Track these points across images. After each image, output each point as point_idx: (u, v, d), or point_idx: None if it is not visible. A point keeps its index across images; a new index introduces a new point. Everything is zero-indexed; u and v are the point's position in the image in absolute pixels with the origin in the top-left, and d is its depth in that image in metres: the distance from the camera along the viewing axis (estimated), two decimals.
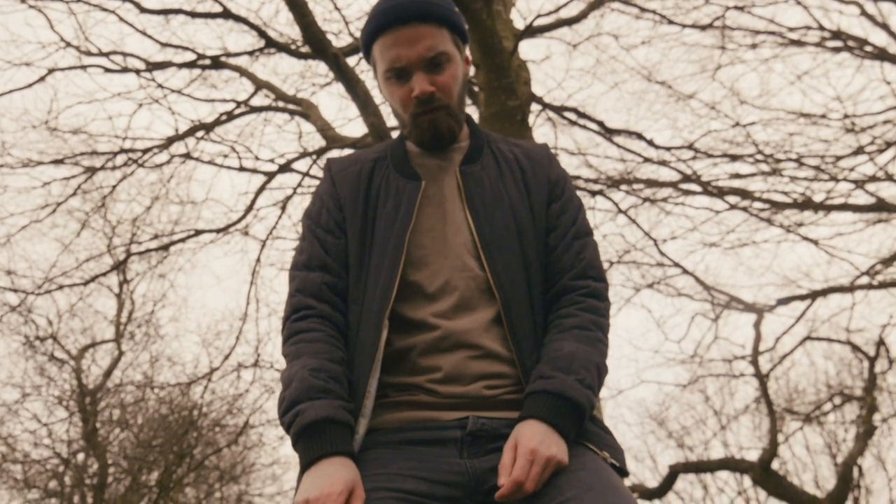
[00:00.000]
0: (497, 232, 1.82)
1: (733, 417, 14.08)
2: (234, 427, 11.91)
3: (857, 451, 12.33)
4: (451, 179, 1.90)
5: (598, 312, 1.83)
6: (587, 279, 1.86)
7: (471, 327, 1.77)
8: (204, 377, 10.16)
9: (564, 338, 1.75)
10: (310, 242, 1.88)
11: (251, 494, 14.49)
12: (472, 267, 1.80)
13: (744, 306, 11.16)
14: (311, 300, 1.82)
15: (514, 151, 1.97)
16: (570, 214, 1.93)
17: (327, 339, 1.77)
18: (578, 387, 1.66)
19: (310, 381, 1.66)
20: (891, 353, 12.07)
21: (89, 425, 12.36)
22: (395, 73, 1.83)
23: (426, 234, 1.83)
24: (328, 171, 1.96)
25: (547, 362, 1.71)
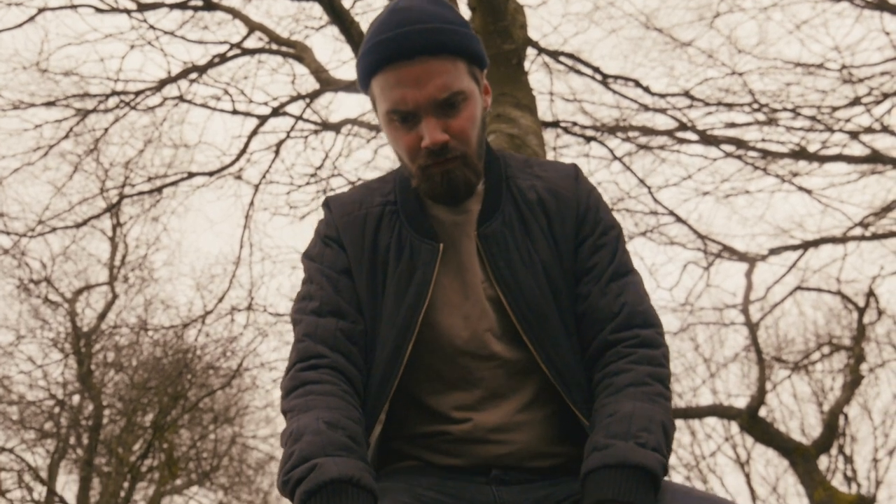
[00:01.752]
0: (535, 309, 1.57)
1: (722, 365, 14.24)
2: (228, 370, 12.00)
3: (843, 399, 12.51)
4: (468, 242, 1.62)
5: (653, 362, 1.54)
6: (632, 329, 1.58)
7: (506, 419, 1.57)
8: (198, 320, 10.21)
9: (618, 399, 1.49)
10: (318, 284, 1.63)
11: (245, 436, 14.68)
12: (501, 353, 1.58)
13: (736, 255, 11.21)
14: (322, 347, 1.57)
15: (537, 187, 1.67)
16: (606, 252, 1.64)
17: (342, 395, 1.52)
18: (642, 451, 1.39)
19: (328, 435, 1.41)
20: (880, 305, 12.18)
21: (84, 367, 12.44)
22: (401, 116, 1.53)
23: (441, 310, 1.60)
24: (329, 214, 1.71)
25: (600, 430, 1.45)
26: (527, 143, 4.38)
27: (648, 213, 9.96)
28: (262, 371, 13.09)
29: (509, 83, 5.01)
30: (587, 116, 8.79)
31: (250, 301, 9.31)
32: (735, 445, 15.94)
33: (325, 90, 7.32)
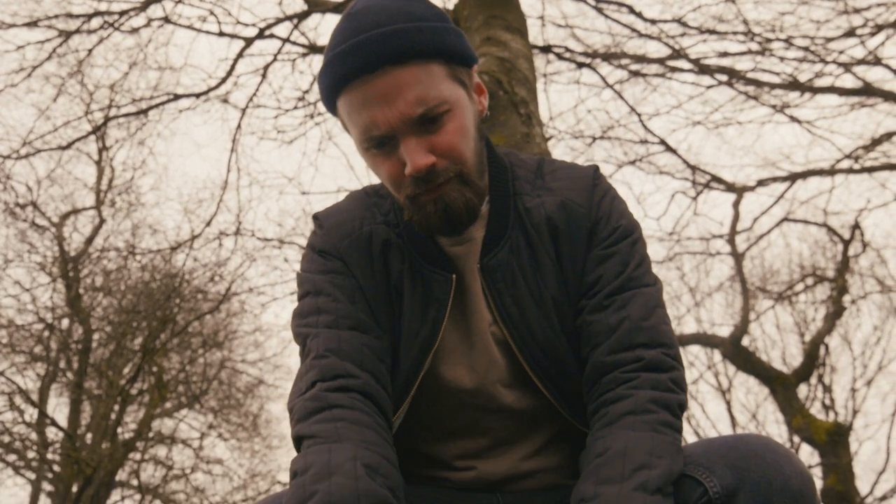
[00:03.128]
0: (549, 352, 1.39)
1: (707, 294, 14.39)
2: (217, 294, 12.06)
3: (824, 330, 12.71)
4: (473, 277, 1.42)
5: (659, 387, 1.31)
6: (635, 349, 1.34)
7: (514, 468, 1.43)
8: (185, 243, 10.20)
9: (612, 432, 1.27)
10: (330, 296, 1.41)
11: (234, 360, 14.83)
12: (512, 404, 1.42)
13: (724, 186, 11.23)
14: (350, 366, 1.34)
15: (546, 204, 1.43)
16: (614, 262, 1.41)
17: (378, 430, 1.29)
18: (640, 497, 1.16)
19: (366, 483, 1.17)
20: (865, 237, 12.29)
21: (72, 291, 12.45)
22: (375, 142, 1.30)
23: (446, 358, 1.42)
24: (323, 233, 1.48)
25: (589, 475, 1.24)
26: (517, 66, 4.32)
27: (638, 141, 9.93)
28: (250, 296, 13.20)
29: (500, 6, 4.92)
30: (579, 42, 8.67)
31: (238, 226, 9.29)
32: (717, 373, 16.23)
33: (312, 11, 7.18)
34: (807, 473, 1.23)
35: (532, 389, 1.41)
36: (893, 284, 13.74)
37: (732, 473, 1.21)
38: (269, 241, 10.73)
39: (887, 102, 9.21)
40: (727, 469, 1.22)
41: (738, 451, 1.24)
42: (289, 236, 10.99)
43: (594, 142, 9.85)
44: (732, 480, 1.21)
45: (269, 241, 10.73)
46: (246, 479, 15.56)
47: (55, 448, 11.83)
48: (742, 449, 1.24)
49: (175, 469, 14.94)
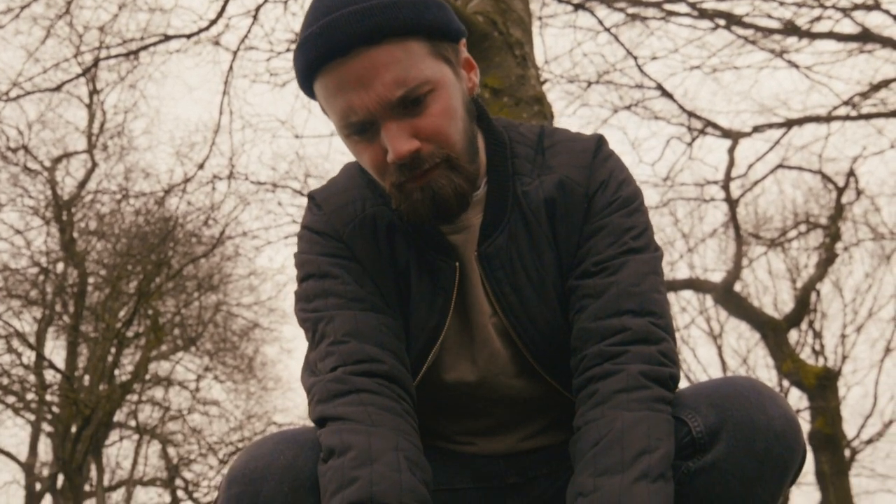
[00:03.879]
0: (552, 340, 1.34)
1: (700, 240, 14.43)
2: (211, 238, 12.07)
3: (816, 276, 12.79)
4: (471, 265, 1.35)
5: (649, 360, 1.23)
6: (621, 316, 1.27)
7: (515, 444, 1.41)
8: (178, 185, 10.18)
9: (605, 414, 1.20)
10: (337, 278, 1.33)
11: (229, 304, 14.91)
12: (515, 394, 1.38)
13: (720, 132, 11.19)
14: (372, 349, 1.27)
15: (545, 184, 1.35)
16: (608, 232, 1.33)
17: (408, 417, 1.25)
18: (643, 487, 1.11)
19: (409, 478, 1.14)
20: (859, 185, 12.31)
21: (66, 235, 12.44)
22: (355, 129, 1.22)
23: (448, 350, 1.37)
24: (322, 214, 1.39)
25: (586, 465, 1.17)
26: (512, 7, 4.27)
27: (634, 86, 9.88)
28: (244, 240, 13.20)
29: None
30: None
31: (231, 169, 9.26)
32: (709, 319, 16.38)
33: None
34: (791, 415, 1.23)
35: (535, 377, 1.36)
36: (886, 232, 13.81)
37: (716, 413, 1.20)
38: (262, 184, 10.70)
39: (886, 48, 9.14)
40: (711, 409, 1.21)
41: (722, 391, 1.23)
42: (282, 180, 10.98)
43: (590, 86, 9.80)
44: (716, 420, 1.20)
45: (262, 184, 10.70)
46: (242, 419, 15.79)
47: (53, 390, 11.94)
48: (727, 389, 1.23)
49: (172, 410, 15.15)
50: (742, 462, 1.19)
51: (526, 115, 3.88)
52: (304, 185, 10.66)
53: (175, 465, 15.80)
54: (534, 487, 1.40)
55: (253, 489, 1.17)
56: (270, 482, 1.17)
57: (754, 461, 1.19)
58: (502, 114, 3.85)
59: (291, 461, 1.19)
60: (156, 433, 14.37)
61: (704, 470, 1.20)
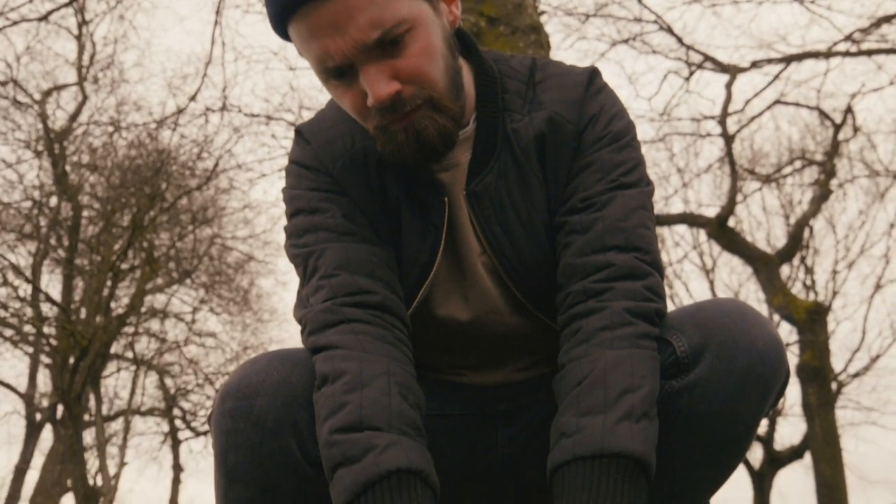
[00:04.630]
0: (543, 277, 1.32)
1: (696, 176, 14.42)
2: (204, 171, 12.01)
3: (810, 212, 12.84)
4: (458, 204, 1.34)
5: (634, 296, 1.22)
6: (606, 251, 1.25)
7: (507, 376, 1.42)
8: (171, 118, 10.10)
9: (588, 351, 1.19)
10: (327, 212, 1.33)
11: (224, 237, 14.92)
12: (507, 331, 1.38)
13: (717, 66, 11.10)
14: (364, 280, 1.27)
15: (535, 120, 1.33)
16: (597, 168, 1.31)
17: (401, 346, 1.26)
18: (627, 427, 1.10)
19: (399, 403, 1.16)
20: (856, 121, 12.27)
21: (59, 169, 12.36)
22: (333, 74, 1.20)
23: (439, 286, 1.36)
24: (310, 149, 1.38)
25: (569, 405, 1.16)
26: None
27: (632, 19, 9.76)
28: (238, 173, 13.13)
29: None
30: None
31: (224, 101, 9.18)
32: (702, 253, 16.47)
33: None
34: (774, 335, 1.24)
35: (527, 315, 1.37)
36: (881, 169, 13.81)
37: (700, 333, 1.22)
38: (255, 116, 10.62)
39: None
40: (696, 329, 1.22)
41: (707, 312, 1.25)
42: (276, 112, 10.87)
43: (587, 19, 9.68)
44: (700, 340, 1.21)
45: (255, 116, 10.62)
46: (238, 351, 15.94)
47: (50, 322, 12.01)
48: (712, 311, 1.25)
49: (168, 342, 15.28)
50: (724, 380, 1.20)
51: (522, 45, 3.85)
52: (298, 117, 10.58)
53: (172, 395, 16.00)
54: (524, 414, 1.42)
55: (247, 404, 1.19)
56: (264, 397, 1.19)
57: (736, 380, 1.20)
58: (498, 43, 3.81)
59: (285, 377, 1.21)
60: (153, 364, 14.52)
61: (687, 389, 1.22)
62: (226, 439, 1.19)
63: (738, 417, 1.22)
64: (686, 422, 1.22)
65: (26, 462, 15.02)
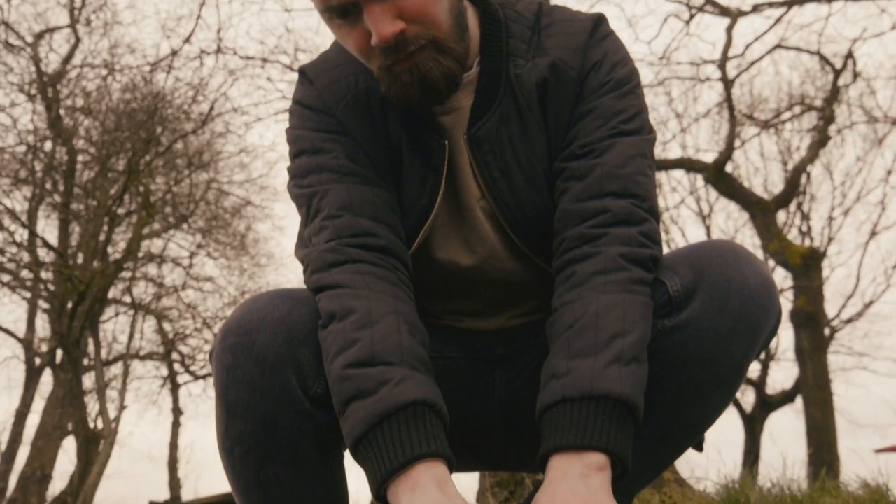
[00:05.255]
0: (541, 224, 1.32)
1: (694, 120, 14.33)
2: (200, 114, 11.91)
3: (808, 158, 12.82)
4: (459, 147, 1.34)
5: (629, 242, 1.22)
6: (603, 198, 1.25)
7: (505, 322, 1.43)
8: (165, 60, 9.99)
9: (581, 295, 1.19)
10: (330, 153, 1.32)
11: (220, 182, 14.87)
12: (506, 277, 1.39)
13: (718, 10, 10.97)
14: (367, 222, 1.27)
15: (538, 67, 1.32)
16: (597, 114, 1.30)
17: (405, 289, 1.27)
18: (616, 370, 1.10)
19: (409, 341, 1.16)
20: (857, 67, 12.16)
21: (53, 113, 12.26)
22: (337, 12, 1.19)
23: (439, 230, 1.36)
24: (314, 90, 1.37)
25: (560, 348, 1.16)
26: None
27: None
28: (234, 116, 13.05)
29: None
30: None
31: (218, 43, 9.06)
32: (699, 199, 16.46)
33: None
34: (767, 275, 1.24)
35: (525, 261, 1.37)
36: (880, 115, 13.73)
37: (693, 273, 1.22)
38: (251, 59, 10.50)
39: None
40: (689, 269, 1.23)
41: (701, 252, 1.25)
42: (272, 55, 10.78)
43: None
44: (693, 279, 1.22)
45: (251, 59, 10.50)
46: (236, 295, 16.00)
47: (48, 267, 12.04)
48: (705, 251, 1.25)
49: (166, 287, 15.33)
50: (716, 319, 1.21)
51: None
52: (293, 59, 10.47)
53: (171, 339, 16.11)
54: (521, 358, 1.43)
55: (248, 340, 1.19)
56: (265, 333, 1.19)
57: (728, 319, 1.21)
58: None
59: (286, 314, 1.22)
60: (150, 309, 14.57)
61: (679, 327, 1.23)
62: (227, 375, 1.20)
63: (728, 357, 1.24)
64: (677, 361, 1.23)
65: (27, 406, 15.18)
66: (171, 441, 17.91)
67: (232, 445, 1.23)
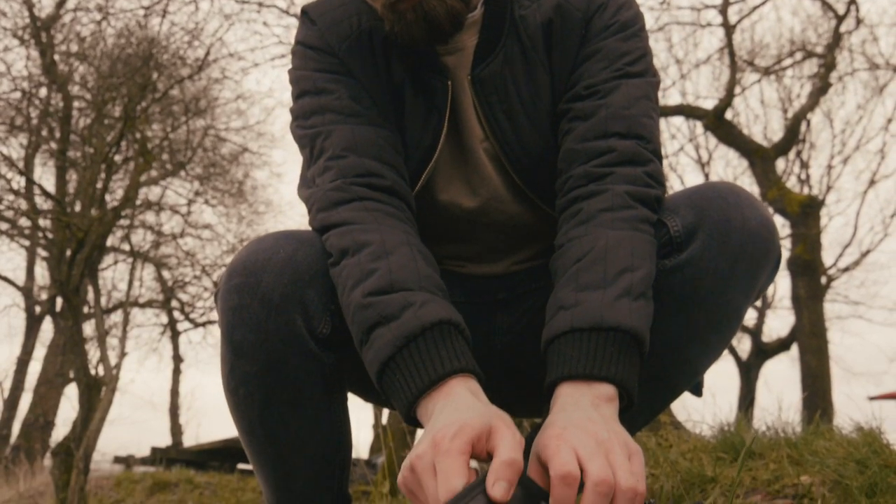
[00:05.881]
0: (545, 166, 1.33)
1: (694, 66, 14.22)
2: (196, 60, 11.77)
3: (808, 106, 12.73)
4: (462, 88, 1.34)
5: (635, 181, 1.22)
6: (608, 138, 1.25)
7: (506, 267, 1.44)
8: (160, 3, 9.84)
9: (588, 230, 1.19)
10: (333, 94, 1.32)
11: (217, 128, 14.77)
12: (508, 220, 1.39)
13: None
14: (372, 163, 1.27)
15: (543, 8, 1.32)
16: (602, 56, 1.31)
17: (412, 228, 1.27)
18: (625, 304, 1.10)
19: (426, 268, 1.17)
20: (860, 13, 12.02)
21: (47, 58, 12.12)
22: None
23: (441, 171, 1.36)
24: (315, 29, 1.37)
25: (568, 279, 1.16)
26: None
27: None
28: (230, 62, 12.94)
29: None
30: None
31: None
32: (698, 146, 16.42)
33: None
34: (767, 217, 1.24)
35: (528, 203, 1.37)
36: (882, 62, 13.61)
37: (695, 213, 1.23)
38: (246, 3, 10.35)
39: None
40: (690, 210, 1.23)
41: (702, 193, 1.26)
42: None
43: None
44: (694, 220, 1.22)
45: (246, 3, 10.35)
46: (235, 243, 16.03)
47: (45, 215, 12.01)
48: (706, 191, 1.25)
49: (165, 235, 15.34)
50: (716, 259, 1.21)
51: None
52: (290, 3, 10.32)
53: (170, 287, 16.17)
54: (523, 302, 1.44)
55: (254, 280, 1.19)
56: (271, 273, 1.19)
57: (728, 258, 1.21)
58: None
59: (291, 255, 1.22)
60: (149, 257, 14.59)
61: (680, 267, 1.23)
62: (232, 315, 1.20)
63: (728, 296, 1.24)
64: (677, 300, 1.24)
65: (28, 353, 15.31)
66: (171, 388, 18.10)
67: (237, 386, 1.24)
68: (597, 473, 0.89)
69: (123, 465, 12.28)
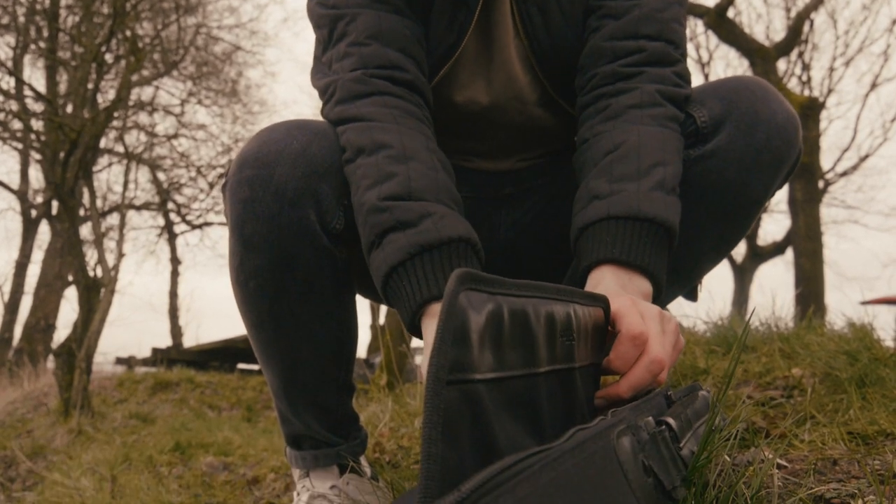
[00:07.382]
0: (573, 69, 1.31)
1: None
2: None
3: (812, 5, 12.44)
4: None
5: (664, 81, 1.22)
6: (638, 39, 1.24)
7: (515, 164, 1.42)
8: None
9: (618, 126, 1.19)
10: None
11: (209, 26, 14.47)
12: (527, 122, 1.37)
13: None
14: (395, 55, 1.22)
15: None
16: None
17: (430, 128, 1.23)
18: (659, 196, 1.10)
19: (445, 179, 1.13)
20: None
21: None
22: None
23: (463, 66, 1.32)
24: None
25: (600, 170, 1.16)
26: None
27: None
28: None
29: None
30: None
31: None
32: (698, 46, 16.15)
33: None
34: (793, 113, 1.24)
35: (550, 106, 1.36)
36: None
37: (722, 105, 1.23)
38: None
39: None
40: (717, 101, 1.23)
41: (730, 85, 1.25)
42: None
43: None
44: (721, 111, 1.22)
45: None
46: (229, 143, 15.93)
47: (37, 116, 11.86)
48: (735, 84, 1.25)
49: (158, 136, 15.21)
50: (741, 150, 1.22)
51: None
52: None
53: (166, 189, 16.13)
54: (528, 198, 1.44)
55: (266, 172, 1.15)
56: (284, 166, 1.16)
57: (753, 150, 1.22)
58: None
59: (305, 146, 1.18)
60: (144, 158, 14.51)
61: (704, 157, 1.24)
62: (243, 208, 1.17)
63: (749, 188, 1.25)
64: (699, 190, 1.24)
65: (26, 257, 15.37)
66: (170, 290, 18.25)
67: (247, 279, 1.22)
68: (656, 352, 0.92)
69: (125, 365, 12.50)
